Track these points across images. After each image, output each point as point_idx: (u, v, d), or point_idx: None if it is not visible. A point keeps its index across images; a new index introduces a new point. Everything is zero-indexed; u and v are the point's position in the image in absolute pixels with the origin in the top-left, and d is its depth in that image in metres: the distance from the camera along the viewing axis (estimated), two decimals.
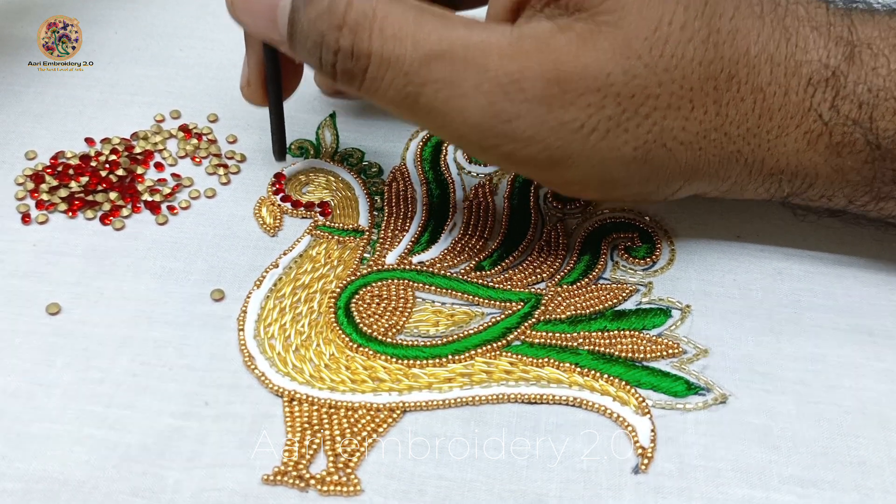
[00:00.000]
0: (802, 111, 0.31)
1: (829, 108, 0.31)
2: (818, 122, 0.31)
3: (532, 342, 0.33)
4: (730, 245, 0.37)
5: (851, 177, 0.32)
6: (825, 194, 0.33)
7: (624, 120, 0.30)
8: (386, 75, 0.30)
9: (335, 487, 0.29)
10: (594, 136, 0.30)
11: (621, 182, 0.32)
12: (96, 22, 0.47)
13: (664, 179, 0.32)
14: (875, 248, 0.37)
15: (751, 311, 0.34)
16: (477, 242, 0.36)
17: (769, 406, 0.31)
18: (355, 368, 0.32)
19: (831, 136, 0.31)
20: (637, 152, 0.31)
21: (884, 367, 0.32)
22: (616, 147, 0.30)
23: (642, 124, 0.30)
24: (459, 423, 0.31)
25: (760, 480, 0.29)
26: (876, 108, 0.31)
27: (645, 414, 0.31)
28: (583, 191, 0.34)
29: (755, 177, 0.33)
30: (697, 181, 0.33)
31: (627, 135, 0.30)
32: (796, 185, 0.33)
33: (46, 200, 0.37)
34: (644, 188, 0.33)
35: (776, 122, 0.31)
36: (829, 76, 0.31)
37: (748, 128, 0.31)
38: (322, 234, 0.36)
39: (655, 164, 0.31)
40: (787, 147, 0.32)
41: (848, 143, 0.31)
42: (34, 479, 0.29)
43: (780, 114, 0.31)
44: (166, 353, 0.32)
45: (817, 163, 0.32)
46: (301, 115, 0.42)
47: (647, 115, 0.30)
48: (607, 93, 0.29)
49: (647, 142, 0.31)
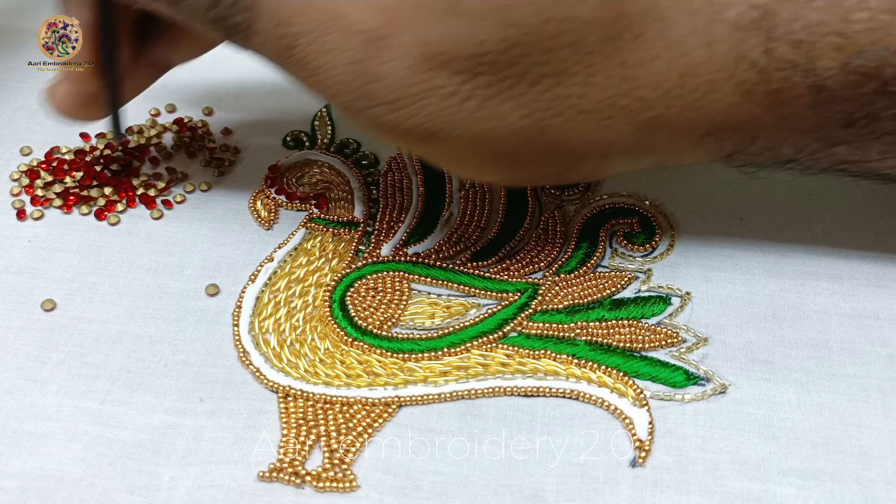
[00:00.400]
0: (732, 61, 0.27)
1: (762, 53, 0.27)
2: (752, 71, 0.27)
3: (529, 333, 0.32)
4: (732, 228, 0.36)
5: (797, 125, 0.28)
6: (771, 147, 0.30)
7: (505, 88, 0.27)
8: (269, 26, 0.28)
9: (331, 484, 0.29)
10: (470, 105, 0.27)
11: (518, 158, 0.29)
12: None
13: (572, 156, 0.29)
14: (883, 228, 0.36)
15: (752, 297, 0.34)
16: (473, 232, 0.36)
17: (770, 396, 0.31)
18: (350, 363, 0.32)
19: (769, 84, 0.27)
20: (526, 121, 0.28)
21: (888, 353, 0.32)
22: (499, 116, 0.27)
23: (529, 91, 0.27)
24: (455, 417, 0.30)
25: (760, 472, 0.29)
26: (814, 46, 0.27)
27: (643, 405, 0.30)
28: (479, 169, 0.30)
29: (686, 141, 0.29)
30: (615, 156, 0.30)
31: (511, 103, 0.27)
32: (737, 142, 0.29)
33: (41, 196, 0.37)
34: (551, 167, 0.30)
35: (702, 79, 0.28)
36: (758, 16, 0.27)
37: (667, 89, 0.28)
38: (317, 226, 0.36)
39: (554, 136, 0.28)
40: (720, 103, 0.28)
41: (787, 88, 0.27)
42: (30, 476, 0.29)
43: (706, 68, 0.27)
44: (161, 349, 0.32)
45: (757, 115, 0.28)
46: (296, 106, 0.42)
47: (533, 83, 0.27)
48: (481, 60, 0.27)
49: (537, 110, 0.27)
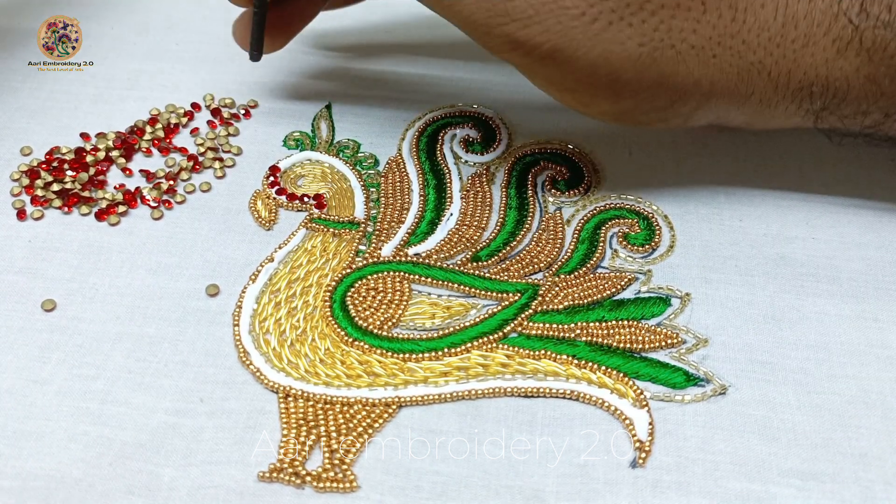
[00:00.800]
0: (830, 17, 0.30)
1: (858, 12, 0.30)
2: (848, 28, 0.30)
3: (529, 334, 0.32)
4: (732, 230, 0.36)
5: (885, 85, 0.31)
6: (860, 109, 0.32)
7: (628, 14, 0.30)
8: None
9: (331, 484, 0.29)
10: (596, 26, 0.30)
11: (629, 85, 0.31)
12: (92, 17, 0.47)
13: (677, 91, 0.31)
14: (882, 229, 0.36)
15: (752, 299, 0.34)
16: (474, 233, 0.36)
17: (769, 397, 0.31)
18: (350, 363, 0.32)
19: (862, 42, 0.30)
20: (643, 49, 0.30)
21: (888, 355, 0.32)
22: (619, 41, 0.30)
23: (648, 20, 0.30)
24: (455, 418, 0.30)
25: (759, 473, 0.29)
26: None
27: (643, 406, 0.30)
28: (591, 95, 0.32)
29: (782, 91, 0.32)
30: (716, 97, 0.32)
31: (632, 29, 0.30)
32: (828, 99, 0.32)
33: (41, 196, 0.37)
34: (656, 101, 0.32)
35: (802, 31, 0.30)
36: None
37: (769, 36, 0.30)
38: (317, 226, 0.36)
39: (664, 67, 0.31)
40: (815, 57, 0.31)
41: (880, 47, 0.30)
42: (30, 477, 0.29)
43: (806, 21, 0.30)
44: (161, 349, 0.32)
45: (848, 72, 0.31)
46: (296, 107, 0.42)
47: (653, 12, 0.30)
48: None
49: (653, 40, 0.30)
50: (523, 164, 0.39)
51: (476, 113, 0.41)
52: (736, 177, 0.38)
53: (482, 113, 0.41)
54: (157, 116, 0.41)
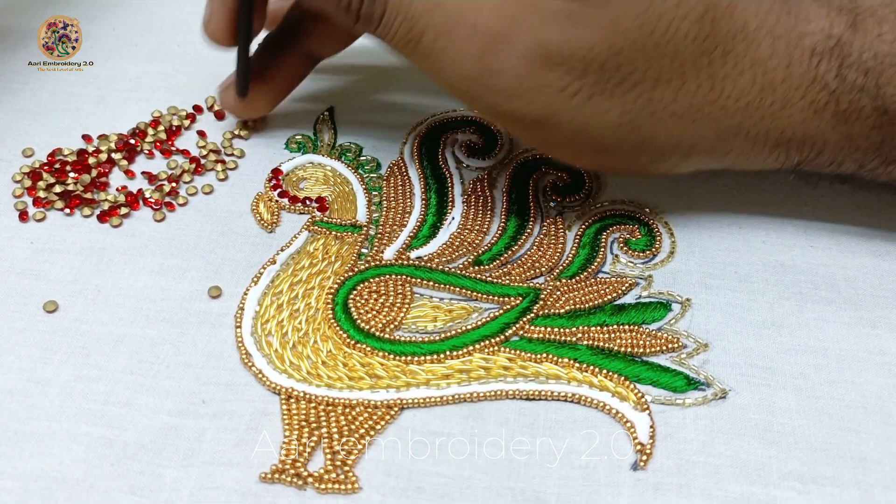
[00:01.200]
0: (807, 82, 0.31)
1: (834, 77, 0.31)
2: (824, 92, 0.31)
3: (531, 337, 0.33)
4: (731, 237, 0.36)
5: (860, 142, 0.32)
6: (835, 160, 0.33)
7: (609, 87, 0.31)
8: (395, 20, 0.32)
9: (333, 485, 0.29)
10: (577, 99, 0.31)
11: (611, 148, 0.32)
12: (94, 19, 0.47)
13: (658, 151, 0.32)
14: (880, 240, 0.36)
15: (752, 304, 0.34)
16: (475, 237, 0.36)
17: (769, 401, 0.31)
18: (353, 365, 0.32)
19: (838, 104, 0.31)
20: (623, 118, 0.31)
21: (886, 361, 0.32)
22: (601, 111, 0.31)
23: (629, 93, 0.31)
24: (457, 420, 0.31)
25: (760, 476, 0.29)
26: (882, 74, 0.31)
27: (644, 410, 0.30)
28: (575, 154, 0.34)
29: (760, 148, 0.33)
30: (696, 155, 0.33)
31: (612, 101, 0.31)
32: (805, 154, 0.33)
33: (44, 198, 0.37)
34: (637, 158, 0.33)
35: (779, 95, 0.31)
36: (833, 45, 0.31)
37: (748, 101, 0.31)
38: (320, 229, 0.36)
39: (645, 132, 0.32)
40: (793, 118, 0.32)
41: (855, 109, 0.31)
42: (32, 477, 0.29)
43: (784, 86, 0.31)
44: (163, 351, 0.32)
45: (825, 131, 0.32)
46: (298, 110, 0.42)
47: (633, 86, 0.31)
48: (591, 63, 0.30)
49: (633, 109, 0.31)
50: (525, 170, 0.39)
51: (478, 118, 0.41)
52: (735, 185, 0.38)
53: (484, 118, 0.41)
54: (160, 118, 0.41)
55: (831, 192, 0.37)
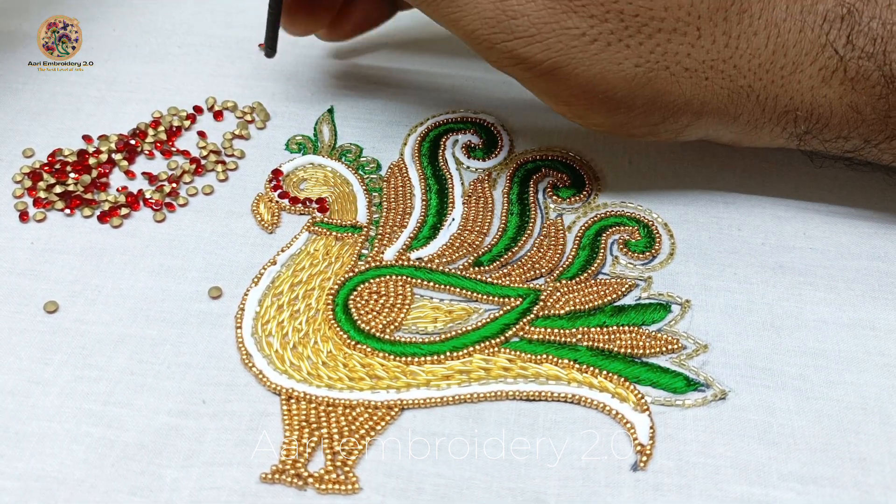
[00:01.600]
0: (818, 47, 0.32)
1: (844, 44, 0.31)
2: (833, 58, 0.31)
3: (531, 338, 0.33)
4: (731, 238, 0.36)
5: (866, 113, 0.32)
6: (841, 134, 0.33)
7: (626, 36, 0.31)
8: None
9: (333, 486, 0.29)
10: (595, 46, 0.31)
11: (623, 103, 0.33)
12: (94, 19, 0.47)
13: (669, 109, 0.33)
14: (876, 239, 0.36)
15: (751, 306, 0.34)
16: (476, 238, 0.36)
17: (769, 402, 0.31)
18: (353, 366, 0.32)
19: (846, 72, 0.32)
20: (638, 70, 0.31)
21: (885, 362, 0.32)
22: (617, 61, 0.31)
23: (645, 43, 0.31)
24: (457, 421, 0.31)
25: (760, 477, 0.29)
26: (890, 42, 0.31)
27: (644, 411, 0.30)
28: (586, 109, 0.34)
29: (768, 114, 0.33)
30: (706, 117, 0.33)
31: (629, 51, 0.31)
32: (811, 124, 0.33)
33: (44, 198, 0.37)
34: (649, 117, 0.33)
35: (790, 58, 0.32)
36: (845, 13, 0.31)
37: (760, 62, 0.32)
38: (320, 230, 0.36)
39: (658, 87, 0.32)
40: (802, 83, 0.32)
41: (862, 77, 0.31)
42: (32, 477, 0.29)
43: (795, 49, 0.32)
44: (164, 351, 0.32)
45: (832, 99, 0.32)
46: (298, 111, 0.42)
47: (650, 35, 0.31)
48: (611, 8, 0.31)
49: (649, 61, 0.31)
50: (525, 171, 0.39)
51: (478, 119, 0.41)
52: (734, 187, 0.38)
53: (484, 119, 0.41)
54: (160, 119, 0.41)
55: (830, 195, 0.38)
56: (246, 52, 0.43)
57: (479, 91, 0.43)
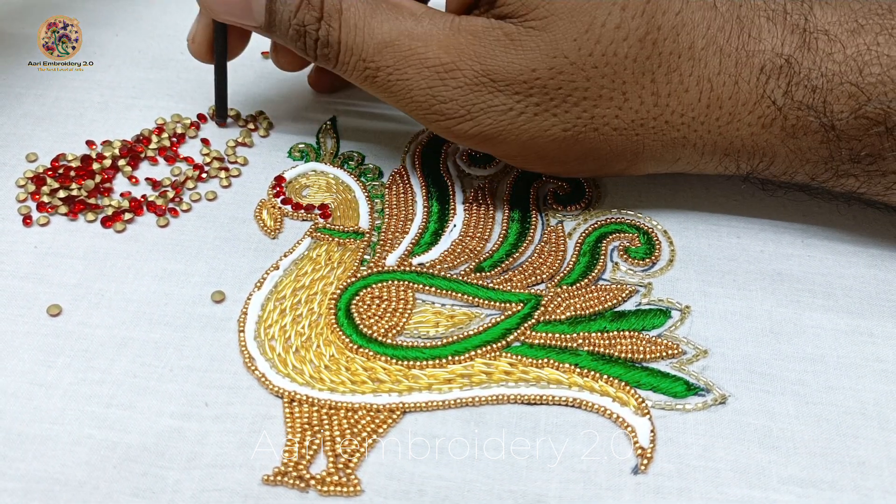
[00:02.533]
0: (755, 98, 0.32)
1: (782, 95, 0.32)
2: (772, 108, 0.32)
3: (532, 343, 0.33)
4: (730, 246, 0.37)
5: (809, 156, 0.33)
6: (786, 171, 0.34)
7: (552, 106, 0.32)
8: (350, 60, 0.34)
9: (335, 488, 0.29)
10: (522, 119, 0.33)
11: (557, 159, 0.34)
12: (97, 24, 0.47)
13: (603, 160, 0.34)
14: (876, 250, 0.37)
15: (750, 312, 0.34)
16: (477, 244, 0.36)
17: (769, 407, 0.31)
18: (355, 369, 0.32)
19: (786, 120, 0.32)
20: (566, 133, 0.33)
21: (883, 368, 0.32)
22: (544, 128, 0.33)
23: (571, 111, 0.32)
24: (459, 424, 0.31)
25: (760, 481, 0.29)
26: (830, 93, 0.31)
27: (644, 414, 0.31)
28: (525, 163, 0.36)
29: (708, 157, 0.34)
30: (641, 162, 0.34)
31: (556, 118, 0.32)
32: (755, 164, 0.34)
33: (47, 203, 0.37)
34: (583, 165, 0.35)
35: (726, 110, 0.32)
36: (783, 64, 0.32)
37: (694, 116, 0.33)
38: (322, 236, 0.37)
39: (588, 145, 0.33)
40: (741, 131, 0.33)
41: (802, 125, 0.32)
42: (34, 479, 0.29)
43: (731, 102, 0.32)
44: (167, 355, 0.33)
45: (774, 144, 0.33)
46: (301, 119, 0.42)
47: (575, 104, 0.32)
48: (533, 85, 0.32)
49: (576, 125, 0.33)
50: (525, 178, 0.39)
51: None
52: (732, 195, 0.39)
53: None
54: (163, 126, 0.41)
55: (828, 203, 0.38)
56: (249, 60, 0.44)
57: None
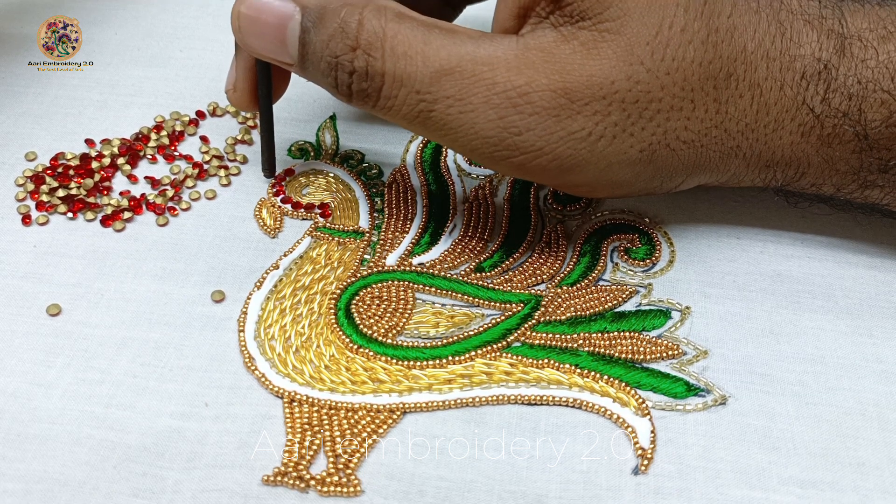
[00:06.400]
0: (796, 105, 0.32)
1: (820, 102, 0.32)
2: (810, 116, 0.32)
3: (532, 343, 0.33)
4: (730, 247, 0.37)
5: (840, 166, 0.33)
6: (815, 183, 0.34)
7: (629, 125, 0.31)
8: (399, 93, 0.30)
9: (335, 488, 0.29)
10: (601, 143, 0.31)
11: (627, 182, 0.33)
12: (96, 22, 0.47)
13: (668, 176, 0.33)
14: (876, 251, 0.37)
15: (750, 313, 0.34)
16: (477, 244, 0.36)
17: (769, 407, 0.31)
18: (355, 370, 0.32)
19: (822, 128, 0.32)
20: (643, 154, 0.31)
21: (883, 369, 0.32)
22: (622, 151, 0.31)
23: (647, 127, 0.31)
24: (459, 424, 0.31)
25: (760, 481, 0.29)
26: (864, 100, 0.31)
27: (645, 415, 0.31)
28: (591, 192, 0.34)
29: (752, 169, 0.34)
30: (698, 175, 0.34)
31: (633, 139, 0.31)
32: (789, 175, 0.34)
33: (47, 202, 0.37)
34: (649, 185, 0.33)
35: (772, 117, 0.32)
36: (822, 69, 0.31)
37: (746, 123, 0.32)
38: (322, 235, 0.37)
39: (659, 163, 0.32)
40: (783, 140, 0.32)
41: (838, 134, 0.32)
42: (34, 479, 0.29)
43: (776, 108, 0.32)
44: (166, 354, 0.32)
45: (809, 154, 0.33)
46: (301, 117, 0.42)
47: (651, 118, 0.31)
48: (612, 100, 0.30)
49: (651, 143, 0.31)
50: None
51: None
52: (732, 195, 0.39)
53: None
54: (162, 124, 0.41)
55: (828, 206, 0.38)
56: None
57: None
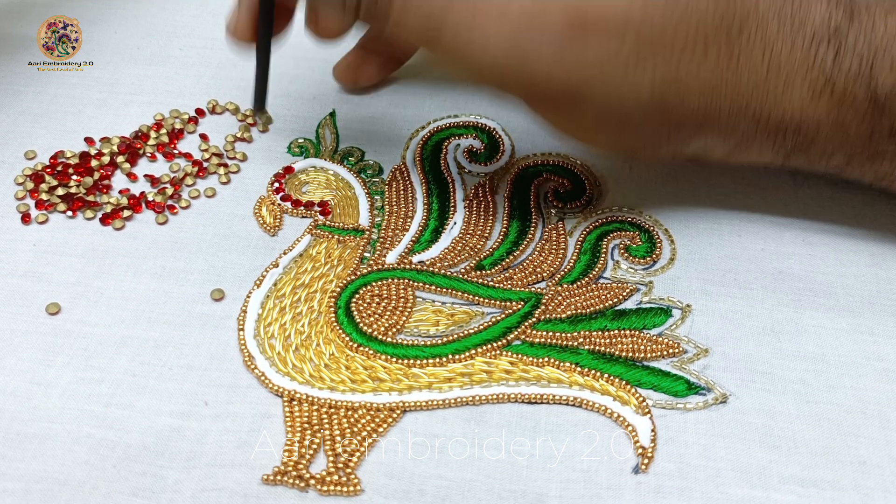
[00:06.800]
0: (808, 64, 0.32)
1: (832, 61, 0.32)
2: (822, 76, 0.32)
3: (532, 342, 0.33)
4: (731, 245, 0.37)
5: (851, 131, 0.33)
6: (826, 150, 0.34)
7: (641, 59, 0.31)
8: (408, 14, 0.31)
9: (335, 487, 0.29)
10: (614, 74, 0.31)
11: (634, 124, 0.33)
12: (96, 21, 0.47)
13: (675, 126, 0.33)
14: (877, 249, 0.36)
15: (751, 311, 0.34)
16: (477, 242, 0.36)
17: (769, 406, 0.31)
18: (355, 368, 0.32)
19: (833, 89, 0.32)
20: (653, 92, 0.32)
21: (884, 367, 0.32)
22: (633, 85, 0.31)
23: (658, 65, 0.31)
24: (459, 423, 0.31)
25: (760, 480, 0.29)
26: (875, 63, 0.32)
27: (645, 414, 0.31)
28: (597, 134, 0.34)
29: (761, 130, 0.33)
30: (706, 132, 0.34)
31: (644, 75, 0.31)
32: (799, 140, 0.34)
33: (46, 200, 0.37)
34: (655, 136, 0.33)
35: (783, 75, 0.32)
36: (832, 32, 0.32)
37: (757, 80, 0.32)
38: (322, 233, 0.36)
39: (667, 109, 0.32)
40: (793, 101, 0.33)
41: (849, 95, 0.32)
42: (34, 478, 0.29)
43: (787, 67, 0.32)
44: (166, 353, 0.32)
45: (820, 116, 0.33)
46: (301, 114, 0.42)
47: (663, 58, 0.31)
48: (626, 32, 0.30)
49: (662, 84, 0.32)
50: (526, 176, 0.39)
51: (480, 124, 0.41)
52: (734, 193, 0.38)
53: (486, 124, 0.41)
54: (162, 122, 0.41)
55: (829, 202, 0.38)
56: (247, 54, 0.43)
57: (481, 95, 0.43)
